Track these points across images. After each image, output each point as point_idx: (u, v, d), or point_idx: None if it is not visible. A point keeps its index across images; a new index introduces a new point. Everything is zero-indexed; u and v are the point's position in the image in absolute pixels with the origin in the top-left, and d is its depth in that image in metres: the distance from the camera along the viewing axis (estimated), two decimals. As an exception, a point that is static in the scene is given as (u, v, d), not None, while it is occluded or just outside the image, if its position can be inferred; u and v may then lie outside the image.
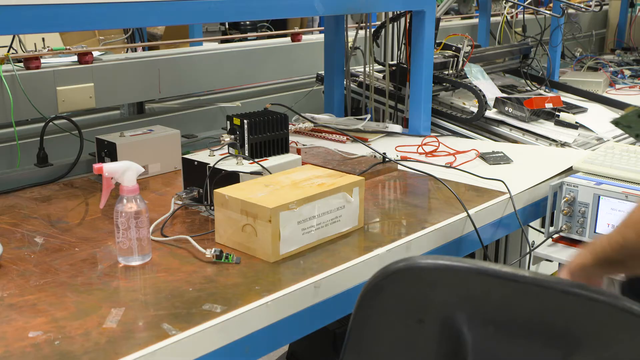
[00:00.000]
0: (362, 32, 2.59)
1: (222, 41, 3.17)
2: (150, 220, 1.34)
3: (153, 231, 1.39)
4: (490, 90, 2.49)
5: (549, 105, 2.34)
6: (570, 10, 3.40)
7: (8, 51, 2.02)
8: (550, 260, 1.34)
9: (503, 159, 1.91)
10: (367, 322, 0.95)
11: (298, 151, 1.88)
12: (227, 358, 1.09)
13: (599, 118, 2.43)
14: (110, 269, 1.26)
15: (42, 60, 2.03)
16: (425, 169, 1.83)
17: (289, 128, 1.73)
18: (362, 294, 0.93)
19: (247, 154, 1.61)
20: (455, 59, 2.57)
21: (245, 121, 1.61)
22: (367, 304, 0.94)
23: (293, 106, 2.24)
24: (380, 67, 2.64)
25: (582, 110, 2.51)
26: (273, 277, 1.23)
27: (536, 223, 2.22)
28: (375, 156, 1.92)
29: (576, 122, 2.30)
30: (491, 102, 2.36)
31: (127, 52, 2.85)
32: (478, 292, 0.89)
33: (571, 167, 1.76)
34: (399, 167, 1.87)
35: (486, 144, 2.15)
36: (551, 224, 1.62)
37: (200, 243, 1.32)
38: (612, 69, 3.32)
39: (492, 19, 3.37)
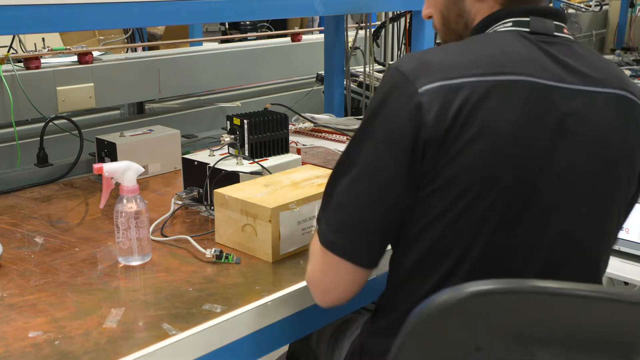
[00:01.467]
0: (362, 32, 2.59)
1: (222, 41, 3.17)
2: (150, 220, 1.34)
3: (153, 231, 1.39)
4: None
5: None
6: (570, 10, 3.40)
7: (8, 51, 2.02)
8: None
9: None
10: (418, 356, 0.88)
11: (298, 151, 1.88)
12: (227, 358, 1.09)
13: (599, 118, 2.42)
14: (110, 269, 1.26)
15: (42, 60, 2.03)
16: (425, 169, 1.82)
17: (289, 128, 1.73)
18: (411, 327, 0.84)
19: (247, 154, 1.61)
20: (455, 59, 2.57)
21: (245, 121, 1.61)
22: (417, 337, 0.85)
23: (293, 106, 2.24)
24: (380, 67, 2.65)
25: (582, 110, 2.50)
26: (273, 277, 1.23)
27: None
28: (375, 156, 1.91)
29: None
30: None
31: (127, 52, 2.85)
32: (538, 313, 0.84)
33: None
34: (399, 167, 1.86)
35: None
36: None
37: (200, 243, 1.32)
38: (612, 69, 3.31)
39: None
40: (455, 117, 0.93)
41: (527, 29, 1.04)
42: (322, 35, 2.41)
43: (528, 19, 1.04)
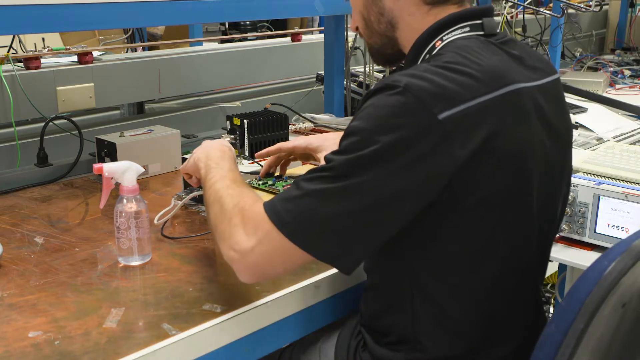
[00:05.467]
0: (362, 32, 2.58)
1: (222, 41, 3.17)
2: (150, 220, 1.34)
3: (153, 231, 1.39)
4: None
5: (549, 105, 2.33)
6: (570, 10, 3.39)
7: (8, 51, 2.02)
8: (551, 261, 1.34)
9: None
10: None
11: (298, 151, 1.88)
12: (227, 358, 1.09)
13: (599, 118, 2.43)
14: (110, 269, 1.26)
15: (42, 60, 2.03)
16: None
17: (289, 128, 1.73)
18: (596, 300, 0.86)
19: (247, 154, 1.61)
20: (455, 59, 2.56)
21: (245, 121, 1.61)
22: (595, 308, 0.87)
23: (293, 106, 2.24)
24: (380, 67, 2.64)
25: (582, 110, 2.51)
26: (273, 277, 1.23)
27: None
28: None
29: (576, 122, 2.30)
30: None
31: (127, 52, 2.85)
32: None
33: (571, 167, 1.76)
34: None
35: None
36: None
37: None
38: (612, 69, 3.32)
39: (494, 20, 3.36)
40: (481, 143, 0.94)
41: (482, 32, 1.07)
42: (322, 35, 2.41)
43: (481, 21, 1.08)
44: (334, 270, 1.24)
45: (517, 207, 1.03)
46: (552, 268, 2.01)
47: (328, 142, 1.41)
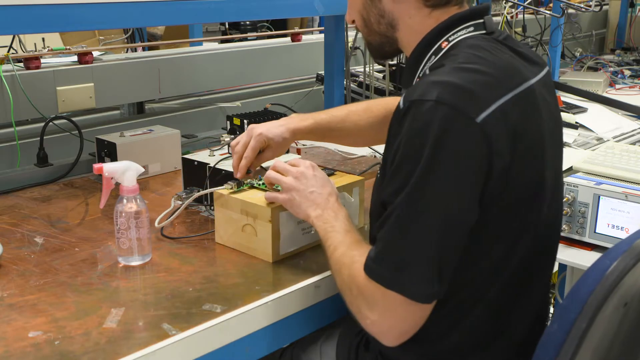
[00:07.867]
0: (362, 32, 2.58)
1: (222, 41, 3.17)
2: (150, 220, 1.34)
3: (153, 231, 1.39)
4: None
5: (549, 105, 2.33)
6: (570, 10, 3.40)
7: (8, 51, 2.02)
8: (551, 260, 1.34)
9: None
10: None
11: (298, 151, 1.88)
12: (227, 358, 1.09)
13: (599, 118, 2.43)
14: (110, 269, 1.26)
15: (42, 60, 2.03)
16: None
17: (289, 128, 1.73)
18: (600, 298, 0.87)
19: (247, 154, 1.61)
20: (455, 59, 2.56)
21: (245, 121, 1.61)
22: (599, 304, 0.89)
23: (293, 106, 2.24)
24: (380, 67, 2.64)
25: (582, 110, 2.51)
26: (273, 277, 1.23)
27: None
28: (375, 156, 1.91)
29: (576, 122, 2.30)
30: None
31: (127, 52, 2.85)
32: None
33: (571, 167, 1.76)
34: (399, 167, 1.86)
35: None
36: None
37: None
38: (612, 69, 3.32)
39: (492, 18, 3.35)
40: (514, 137, 0.97)
41: (484, 31, 1.09)
42: (322, 35, 2.41)
43: (483, 20, 1.10)
44: (334, 270, 1.25)
45: (536, 204, 1.06)
46: (552, 268, 2.00)
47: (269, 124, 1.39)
